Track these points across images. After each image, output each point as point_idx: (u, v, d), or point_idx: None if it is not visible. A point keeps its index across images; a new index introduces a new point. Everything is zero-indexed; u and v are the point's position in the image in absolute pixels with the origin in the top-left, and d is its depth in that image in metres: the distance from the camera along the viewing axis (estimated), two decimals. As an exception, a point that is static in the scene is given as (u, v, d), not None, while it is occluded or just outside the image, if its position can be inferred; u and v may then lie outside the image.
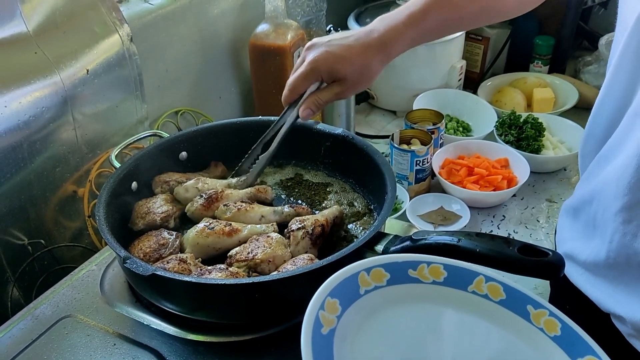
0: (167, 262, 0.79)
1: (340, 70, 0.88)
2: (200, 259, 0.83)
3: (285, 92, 0.92)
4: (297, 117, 0.93)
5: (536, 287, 1.13)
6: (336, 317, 0.55)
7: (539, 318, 0.61)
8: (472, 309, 0.62)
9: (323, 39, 0.89)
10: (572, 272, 0.80)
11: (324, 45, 0.88)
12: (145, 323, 0.80)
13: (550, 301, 0.96)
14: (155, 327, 0.79)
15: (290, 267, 0.78)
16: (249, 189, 0.97)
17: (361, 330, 0.56)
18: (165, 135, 1.04)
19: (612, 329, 0.75)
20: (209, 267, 0.79)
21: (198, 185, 0.95)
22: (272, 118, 1.05)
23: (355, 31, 0.90)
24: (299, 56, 1.49)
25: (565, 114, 1.56)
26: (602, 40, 1.70)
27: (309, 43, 0.92)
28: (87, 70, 1.07)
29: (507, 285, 0.64)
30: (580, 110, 1.60)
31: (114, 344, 0.80)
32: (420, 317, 0.59)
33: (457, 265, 0.65)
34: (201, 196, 0.92)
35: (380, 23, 0.89)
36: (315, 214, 0.91)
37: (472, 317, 0.62)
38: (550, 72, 1.77)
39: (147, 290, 0.81)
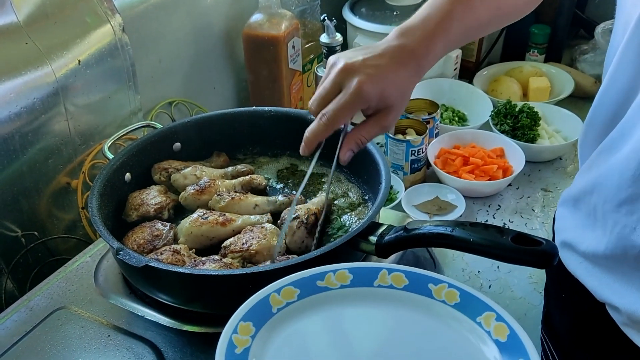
0: (161, 254, 0.79)
1: (390, 96, 0.74)
2: (194, 249, 0.83)
3: (318, 126, 0.75)
4: (337, 163, 0.78)
5: (531, 276, 1.14)
6: (250, 337, 0.60)
7: (440, 292, 0.65)
8: (380, 301, 0.66)
9: (354, 57, 0.74)
10: (571, 261, 0.80)
11: (364, 67, 0.73)
12: (139, 314, 0.80)
13: (546, 290, 0.96)
14: (150, 318, 0.79)
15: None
16: (242, 177, 0.97)
17: (274, 343, 0.60)
18: (159, 126, 1.03)
19: (607, 318, 0.75)
20: (203, 258, 0.79)
21: (196, 173, 0.95)
22: (267, 108, 1.05)
23: (383, 46, 0.77)
24: (293, 47, 1.49)
25: (561, 103, 1.56)
26: (599, 29, 1.69)
27: (333, 60, 0.76)
28: (79, 61, 1.06)
29: (408, 272, 0.68)
30: (577, 99, 1.60)
31: (109, 335, 0.80)
32: (331, 321, 0.62)
33: (361, 266, 0.69)
34: (195, 184, 0.92)
35: (409, 37, 0.76)
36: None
37: (381, 309, 0.65)
38: (546, 61, 1.76)
39: (141, 281, 0.81)
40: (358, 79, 0.72)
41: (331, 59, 0.78)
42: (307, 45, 1.56)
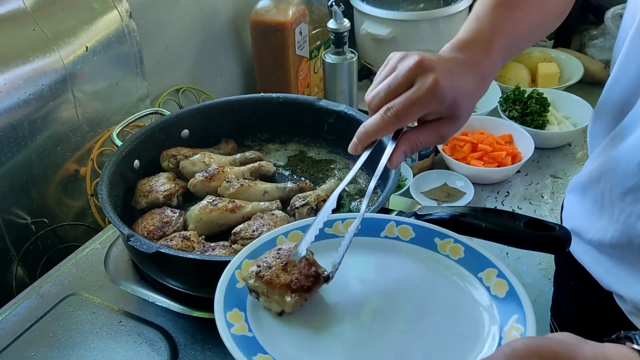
0: (171, 240, 0.79)
1: (461, 103, 0.67)
2: (203, 236, 0.83)
3: (382, 121, 0.66)
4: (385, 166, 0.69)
5: (540, 263, 1.14)
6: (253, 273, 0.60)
7: (445, 246, 0.66)
8: (385, 251, 0.67)
9: (429, 55, 0.68)
10: (578, 249, 0.80)
11: (442, 65, 0.66)
12: (150, 300, 0.81)
13: (555, 277, 0.96)
14: (160, 304, 0.80)
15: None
16: (251, 164, 0.96)
17: None
18: (167, 113, 1.03)
19: (614, 307, 0.75)
20: (212, 244, 0.79)
21: (205, 160, 0.95)
22: (275, 95, 1.04)
23: (446, 55, 0.71)
24: (300, 33, 1.48)
25: (570, 89, 1.55)
26: (608, 14, 1.67)
27: (401, 54, 0.68)
28: (87, 48, 1.06)
29: (416, 225, 0.68)
30: (586, 85, 1.58)
31: (120, 321, 0.81)
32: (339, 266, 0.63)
33: (370, 216, 0.70)
34: (204, 171, 0.92)
35: (469, 52, 0.71)
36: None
37: (384, 258, 0.66)
38: (555, 46, 1.75)
39: (151, 267, 0.81)
40: (435, 76, 0.65)
41: (396, 53, 0.69)
42: (314, 32, 1.54)
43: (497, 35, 0.72)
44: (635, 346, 0.48)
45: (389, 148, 0.68)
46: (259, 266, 0.60)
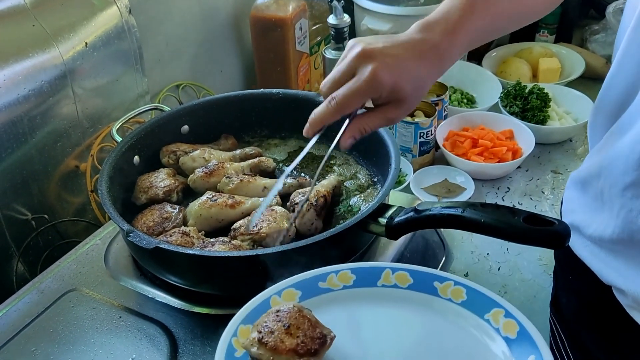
0: (170, 235, 0.79)
1: (404, 88, 0.70)
2: (203, 232, 0.83)
3: (327, 109, 0.72)
4: (336, 146, 0.74)
5: (540, 258, 1.13)
6: None
7: (445, 290, 0.64)
8: (384, 301, 0.65)
9: (373, 43, 0.71)
10: (577, 244, 0.80)
11: (382, 54, 0.70)
12: (150, 296, 0.81)
13: (555, 272, 0.96)
14: (160, 300, 0.80)
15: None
16: (251, 160, 0.96)
17: None
18: (167, 109, 1.03)
19: (613, 301, 0.75)
20: (212, 240, 0.79)
21: (205, 156, 0.95)
22: (275, 91, 1.04)
23: (404, 37, 0.73)
24: (300, 29, 1.48)
25: (571, 84, 1.54)
26: (610, 9, 1.66)
27: (352, 44, 0.72)
28: (86, 43, 1.05)
29: (413, 270, 0.67)
30: (587, 80, 1.58)
31: (120, 317, 0.81)
32: (334, 323, 0.60)
33: (364, 266, 0.68)
34: (204, 167, 0.92)
35: (431, 32, 0.73)
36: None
37: (386, 309, 0.64)
38: (556, 41, 1.74)
39: (151, 263, 0.81)
40: (373, 66, 0.69)
41: (351, 42, 0.74)
42: (314, 27, 1.54)
43: (466, 17, 0.74)
44: None
45: (341, 130, 0.72)
46: (259, 332, 0.57)
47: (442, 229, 0.99)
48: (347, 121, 0.73)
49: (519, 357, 0.56)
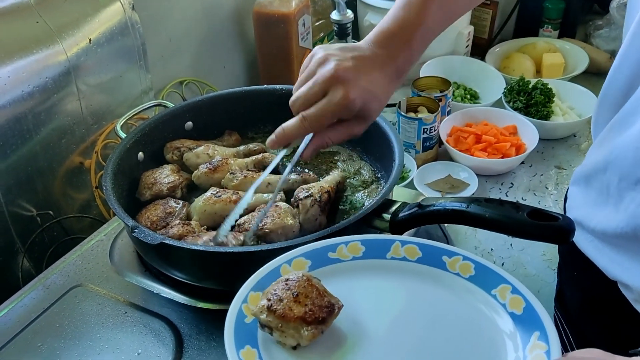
0: (171, 227, 0.80)
1: (371, 109, 0.74)
2: (205, 226, 0.83)
3: (297, 127, 0.73)
4: (297, 158, 0.78)
5: (544, 254, 1.13)
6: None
7: (454, 264, 0.65)
8: (393, 273, 0.65)
9: (344, 60, 0.72)
10: (581, 239, 0.80)
11: (354, 75, 0.72)
12: (155, 292, 0.81)
13: (559, 268, 0.96)
14: (165, 295, 0.80)
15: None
16: (255, 156, 0.96)
17: None
18: (170, 105, 1.03)
19: (619, 295, 0.75)
20: (212, 232, 0.80)
21: (208, 152, 0.95)
22: (278, 87, 1.04)
23: (367, 52, 0.75)
24: (303, 25, 1.48)
25: (575, 79, 1.54)
26: (614, 4, 1.65)
27: (321, 56, 0.73)
28: (90, 40, 1.06)
29: (422, 244, 0.67)
30: (591, 76, 1.57)
31: (125, 312, 0.81)
32: (342, 293, 0.61)
33: (374, 238, 0.68)
34: (208, 163, 0.92)
35: (389, 48, 0.75)
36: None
37: (393, 281, 0.65)
38: (560, 36, 1.73)
39: (155, 259, 0.82)
40: (345, 89, 0.71)
41: (317, 51, 0.75)
42: (317, 23, 1.54)
43: (422, 28, 0.76)
44: None
45: (305, 140, 0.75)
46: (269, 300, 0.58)
47: (446, 225, 0.99)
48: (310, 135, 0.75)
49: (523, 333, 0.56)
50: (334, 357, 0.57)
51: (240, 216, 0.84)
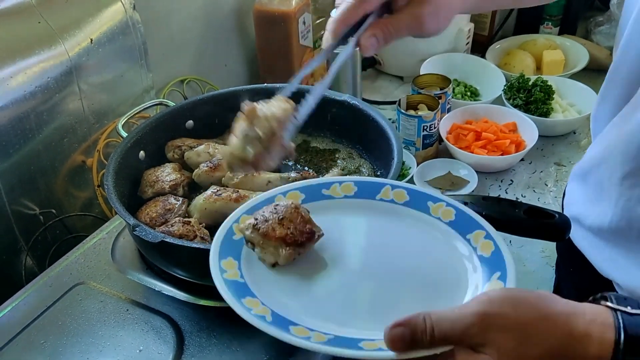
0: (172, 225, 0.80)
1: None
2: (203, 224, 0.84)
3: (347, 7, 0.64)
4: (355, 47, 0.66)
5: (543, 250, 1.14)
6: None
7: (437, 209, 0.68)
8: (381, 213, 0.68)
9: None
10: (577, 236, 0.80)
11: None
12: (156, 289, 0.82)
13: (557, 265, 0.97)
14: (166, 293, 0.81)
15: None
16: (255, 155, 0.97)
17: None
18: (172, 104, 1.04)
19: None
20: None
21: (209, 150, 0.96)
22: (278, 85, 1.04)
23: None
24: (304, 23, 1.48)
25: (575, 76, 1.54)
26: (614, 0, 1.65)
27: None
28: (91, 40, 1.06)
29: (411, 189, 0.70)
30: (591, 72, 1.57)
31: (127, 310, 0.82)
32: (329, 226, 0.65)
33: (367, 180, 0.72)
34: (208, 161, 0.93)
35: None
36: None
37: (378, 220, 0.68)
38: (560, 33, 1.73)
39: (157, 257, 0.83)
40: None
41: None
42: (318, 21, 1.54)
43: None
44: (609, 304, 0.49)
45: (363, 27, 0.65)
46: (256, 219, 0.62)
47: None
48: (368, 21, 0.65)
49: (486, 273, 0.59)
50: (309, 278, 0.60)
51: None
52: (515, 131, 1.38)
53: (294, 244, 0.60)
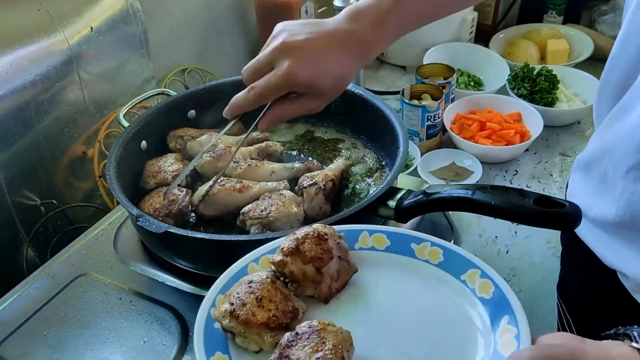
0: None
1: (322, 83, 0.73)
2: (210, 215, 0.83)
3: (246, 98, 0.75)
4: (254, 127, 0.78)
5: (549, 241, 1.13)
6: None
7: (422, 251, 0.64)
8: (362, 264, 0.64)
9: (297, 34, 0.73)
10: (582, 228, 0.79)
11: (302, 49, 0.72)
12: (160, 280, 0.81)
13: (562, 256, 0.96)
14: (170, 284, 0.80)
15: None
16: (258, 144, 0.96)
17: None
18: (173, 93, 1.03)
19: (618, 285, 0.75)
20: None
21: (211, 140, 0.95)
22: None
23: (330, 27, 0.74)
24: (306, 12, 1.46)
25: (580, 66, 1.53)
26: (619, -11, 1.64)
27: (277, 31, 0.74)
28: (91, 28, 1.05)
29: (390, 232, 0.66)
30: (596, 62, 1.56)
31: (130, 301, 0.81)
32: None
33: (343, 228, 0.66)
34: (211, 151, 0.92)
35: (359, 22, 0.74)
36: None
37: (363, 272, 0.63)
38: (564, 22, 1.72)
39: (160, 247, 0.82)
40: (290, 63, 0.71)
41: (277, 27, 0.75)
42: (320, 10, 1.53)
43: (399, 4, 0.74)
44: (635, 344, 0.49)
45: (261, 114, 0.76)
46: (232, 304, 0.56)
47: (450, 213, 0.98)
48: (267, 106, 0.76)
49: (494, 318, 0.56)
50: None
51: (245, 204, 0.84)
52: (519, 121, 1.36)
53: (279, 328, 0.54)
